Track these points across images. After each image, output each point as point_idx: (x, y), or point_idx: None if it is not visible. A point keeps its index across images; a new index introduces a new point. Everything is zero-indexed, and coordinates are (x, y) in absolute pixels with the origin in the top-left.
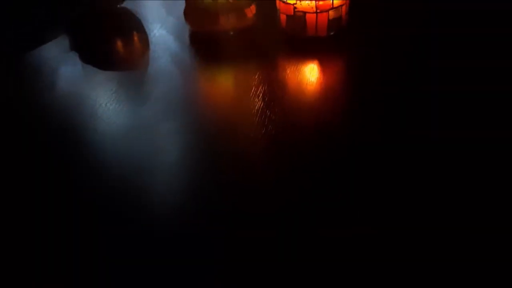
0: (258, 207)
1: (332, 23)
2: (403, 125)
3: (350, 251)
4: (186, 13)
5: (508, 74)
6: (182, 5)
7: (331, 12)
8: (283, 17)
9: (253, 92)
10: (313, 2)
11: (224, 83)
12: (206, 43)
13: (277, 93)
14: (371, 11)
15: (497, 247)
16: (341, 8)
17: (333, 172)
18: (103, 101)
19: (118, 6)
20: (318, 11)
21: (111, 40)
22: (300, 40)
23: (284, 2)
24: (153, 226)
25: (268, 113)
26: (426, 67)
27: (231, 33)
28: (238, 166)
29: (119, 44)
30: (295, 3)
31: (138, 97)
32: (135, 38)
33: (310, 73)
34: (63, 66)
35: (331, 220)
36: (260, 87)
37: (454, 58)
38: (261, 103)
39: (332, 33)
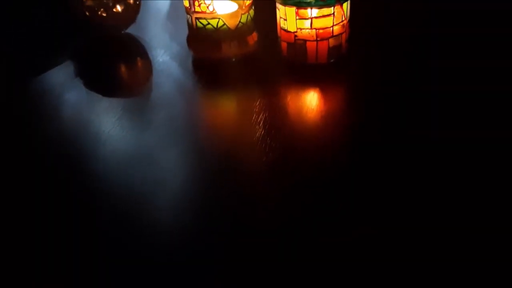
0: (260, 222)
1: (332, 50)
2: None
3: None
4: (189, 40)
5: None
6: (185, 31)
7: (331, 40)
8: (284, 45)
9: (254, 119)
10: (314, 30)
11: (226, 110)
12: (209, 69)
13: (278, 121)
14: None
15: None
16: (341, 36)
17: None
18: (107, 128)
19: (123, 32)
20: (318, 39)
21: (115, 66)
22: (301, 67)
23: (285, 30)
24: (154, 244)
25: (269, 141)
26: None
27: (233, 59)
28: (239, 187)
29: (123, 70)
30: (296, 31)
31: (141, 124)
32: (139, 64)
33: (311, 100)
34: (67, 92)
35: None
36: (261, 114)
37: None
38: (262, 131)
39: (332, 60)
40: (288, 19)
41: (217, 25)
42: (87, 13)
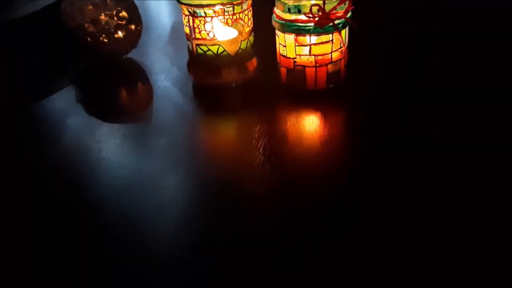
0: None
1: (331, 76)
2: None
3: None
4: (190, 65)
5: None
6: (186, 56)
7: (329, 66)
8: (283, 71)
9: (254, 145)
10: (312, 56)
11: (226, 136)
12: (209, 95)
13: (278, 146)
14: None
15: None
16: (340, 62)
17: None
18: (106, 154)
19: (124, 57)
20: (317, 65)
21: (116, 91)
22: (300, 93)
23: (284, 56)
24: (154, 264)
25: (269, 167)
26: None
27: (233, 85)
28: (240, 209)
29: (124, 95)
30: (295, 58)
31: (142, 149)
32: (140, 89)
33: (310, 126)
34: (68, 117)
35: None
36: (261, 140)
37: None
38: (261, 157)
39: (331, 86)
40: (287, 45)
41: (217, 51)
42: (88, 39)
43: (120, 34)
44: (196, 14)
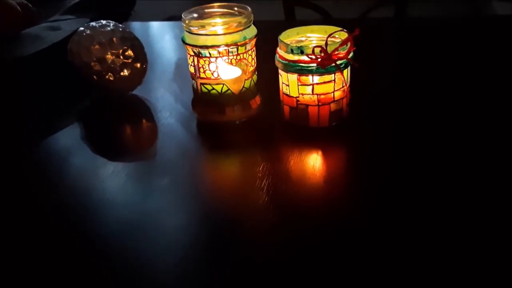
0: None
1: (334, 114)
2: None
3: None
4: (194, 103)
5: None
6: (190, 93)
7: (332, 105)
8: (286, 109)
9: (257, 185)
10: (315, 96)
11: (230, 176)
12: (213, 133)
13: (281, 186)
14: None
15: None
16: (342, 100)
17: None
18: (110, 195)
19: (129, 93)
20: (319, 104)
21: (120, 129)
22: (303, 131)
23: (287, 95)
24: None
25: (272, 208)
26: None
27: (237, 123)
28: (243, 252)
29: (129, 133)
30: (298, 97)
31: (145, 189)
32: (144, 127)
33: (313, 164)
34: (72, 156)
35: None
36: (265, 179)
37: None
38: (265, 197)
39: (333, 124)
40: (290, 85)
41: (221, 90)
42: (94, 77)
43: (125, 72)
44: (201, 55)
